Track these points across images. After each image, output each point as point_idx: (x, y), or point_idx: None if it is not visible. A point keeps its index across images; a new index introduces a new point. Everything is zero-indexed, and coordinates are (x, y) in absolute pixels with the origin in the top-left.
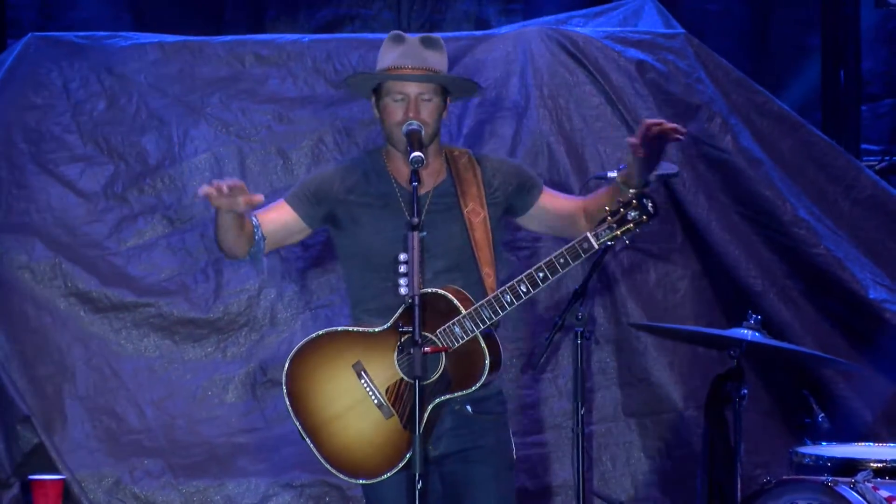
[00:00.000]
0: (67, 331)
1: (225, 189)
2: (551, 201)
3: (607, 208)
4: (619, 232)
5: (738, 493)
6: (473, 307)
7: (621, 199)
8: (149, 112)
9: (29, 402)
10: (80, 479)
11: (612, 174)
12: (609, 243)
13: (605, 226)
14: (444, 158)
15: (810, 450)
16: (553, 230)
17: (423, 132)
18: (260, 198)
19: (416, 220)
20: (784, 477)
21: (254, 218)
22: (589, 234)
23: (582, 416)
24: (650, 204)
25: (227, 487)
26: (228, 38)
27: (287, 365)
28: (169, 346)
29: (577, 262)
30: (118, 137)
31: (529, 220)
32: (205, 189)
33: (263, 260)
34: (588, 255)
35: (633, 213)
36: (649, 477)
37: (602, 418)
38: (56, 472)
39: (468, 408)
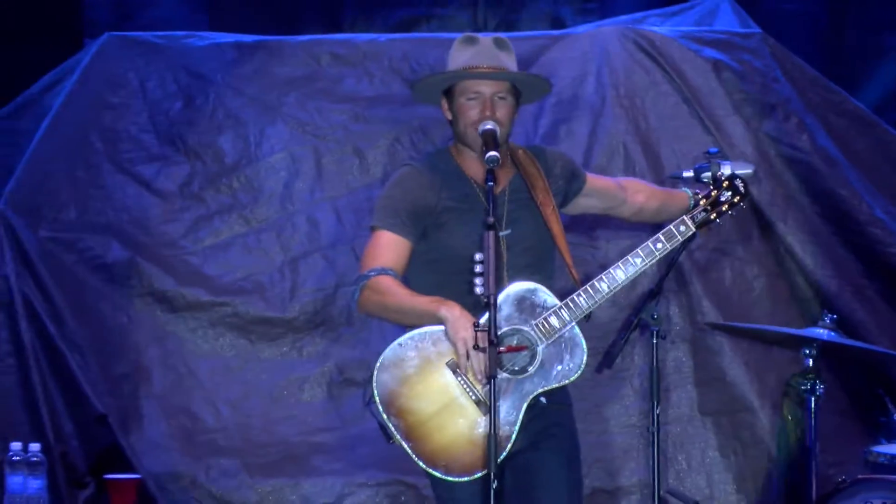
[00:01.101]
0: (144, 330)
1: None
2: (594, 182)
3: (699, 193)
4: (713, 214)
5: (814, 493)
6: (570, 297)
7: (711, 184)
8: (225, 111)
9: (105, 401)
10: (155, 478)
11: (688, 173)
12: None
13: (699, 209)
14: (509, 155)
15: (885, 449)
16: (599, 209)
17: (498, 132)
18: None
19: (491, 219)
20: (859, 476)
21: (391, 272)
22: (686, 217)
23: (657, 415)
24: (741, 184)
25: (303, 487)
26: (305, 37)
27: (377, 368)
28: (245, 345)
29: (673, 246)
30: (194, 137)
31: (576, 206)
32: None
33: None
34: (685, 238)
35: (726, 195)
36: (724, 476)
37: (677, 417)
38: (132, 471)
39: (542, 399)
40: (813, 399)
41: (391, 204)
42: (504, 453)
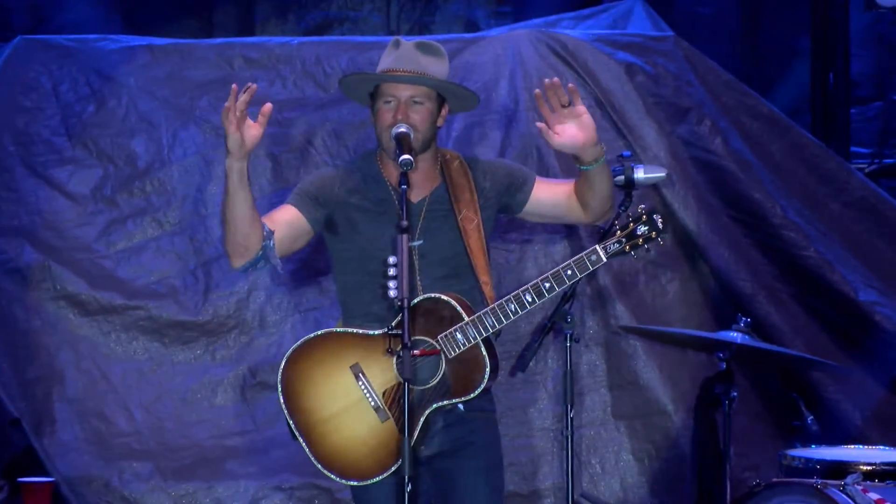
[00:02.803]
0: (57, 333)
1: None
2: (545, 190)
3: (616, 222)
4: (627, 246)
5: (728, 496)
6: (477, 314)
7: (630, 214)
8: (138, 115)
9: (18, 405)
10: (69, 482)
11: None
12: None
13: (613, 239)
14: (439, 164)
15: (800, 452)
16: (553, 218)
17: (411, 135)
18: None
19: (405, 223)
20: (773, 480)
21: (265, 223)
22: (598, 247)
23: (571, 418)
24: (660, 220)
25: (217, 490)
26: (217, 40)
27: (283, 363)
28: (158, 348)
29: (584, 275)
30: (107, 140)
31: (528, 214)
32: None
33: (277, 258)
34: (596, 267)
35: (642, 229)
36: (638, 479)
37: (591, 421)
38: (45, 474)
39: (460, 406)
40: (727, 402)
41: (302, 184)
42: (399, 461)
